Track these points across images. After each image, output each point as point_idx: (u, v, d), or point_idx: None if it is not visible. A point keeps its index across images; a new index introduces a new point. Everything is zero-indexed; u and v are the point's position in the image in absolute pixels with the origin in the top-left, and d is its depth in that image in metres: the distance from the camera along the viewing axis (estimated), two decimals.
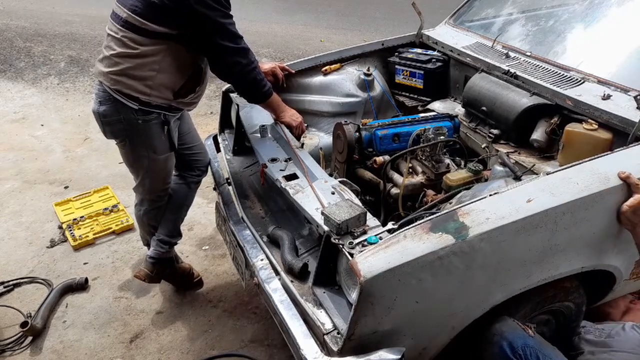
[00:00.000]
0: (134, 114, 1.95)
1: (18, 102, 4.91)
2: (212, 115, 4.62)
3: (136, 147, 2.07)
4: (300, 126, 2.23)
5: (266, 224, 2.03)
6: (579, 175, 1.52)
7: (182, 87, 1.98)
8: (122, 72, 1.89)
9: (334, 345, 1.41)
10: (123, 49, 1.87)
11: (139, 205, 2.36)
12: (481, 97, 2.24)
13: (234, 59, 1.91)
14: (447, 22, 2.88)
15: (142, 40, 1.84)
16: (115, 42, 1.88)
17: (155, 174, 2.19)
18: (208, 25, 1.82)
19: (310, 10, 8.14)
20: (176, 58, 1.90)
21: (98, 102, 1.99)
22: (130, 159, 2.15)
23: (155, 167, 2.15)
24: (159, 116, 2.01)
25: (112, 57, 1.90)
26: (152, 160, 2.11)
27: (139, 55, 1.86)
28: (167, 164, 2.18)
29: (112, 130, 2.03)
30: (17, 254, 2.89)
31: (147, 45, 1.85)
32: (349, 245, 1.40)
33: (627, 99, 1.85)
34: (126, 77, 1.89)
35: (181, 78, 1.97)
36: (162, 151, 2.10)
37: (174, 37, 1.85)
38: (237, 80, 2.03)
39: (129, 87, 1.90)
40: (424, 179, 2.01)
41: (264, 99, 2.10)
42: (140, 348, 2.31)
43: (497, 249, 1.41)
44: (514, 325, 1.58)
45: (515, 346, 1.51)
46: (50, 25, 6.97)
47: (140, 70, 1.88)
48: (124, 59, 1.88)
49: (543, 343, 1.59)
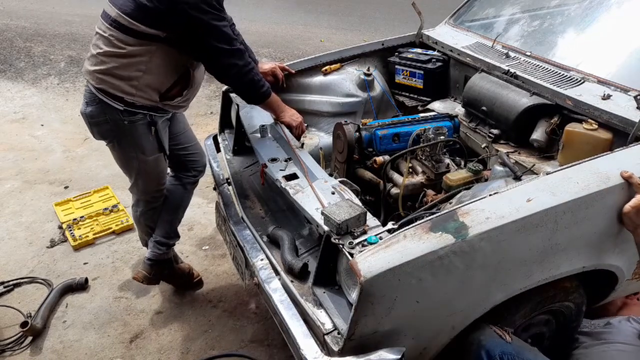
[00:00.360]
0: (120, 114, 1.94)
1: (18, 102, 4.91)
2: (212, 115, 4.62)
3: (124, 148, 2.07)
4: (301, 126, 2.23)
5: (266, 224, 2.03)
6: (579, 175, 1.52)
7: (169, 89, 1.97)
8: (108, 71, 1.87)
9: (334, 345, 1.41)
10: (110, 48, 1.85)
11: (135, 206, 2.36)
12: (481, 97, 2.24)
13: (230, 61, 1.90)
14: (447, 22, 2.88)
15: (130, 40, 1.82)
16: (102, 40, 1.87)
17: (147, 175, 2.17)
18: (202, 28, 1.81)
19: (310, 10, 8.14)
20: (164, 60, 1.89)
21: (85, 103, 1.99)
22: (121, 160, 2.14)
23: (146, 168, 2.13)
24: (145, 117, 1.98)
25: (98, 56, 1.88)
26: (142, 162, 2.10)
27: (125, 55, 1.84)
28: (158, 165, 2.16)
29: (100, 131, 2.03)
30: (17, 254, 2.89)
31: (134, 46, 1.83)
32: (349, 245, 1.40)
33: (627, 98, 1.85)
34: (111, 76, 1.87)
35: (168, 80, 1.95)
36: (150, 152, 2.08)
37: (162, 39, 1.83)
38: (234, 82, 2.02)
39: (114, 86, 1.88)
40: (424, 178, 2.01)
41: (262, 100, 2.09)
42: (140, 348, 2.31)
43: (497, 248, 1.41)
44: (491, 333, 1.57)
45: (493, 354, 1.51)
46: (50, 25, 6.97)
47: (126, 70, 1.86)
48: (110, 58, 1.86)
49: (522, 347, 1.58)
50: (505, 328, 1.61)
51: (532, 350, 1.61)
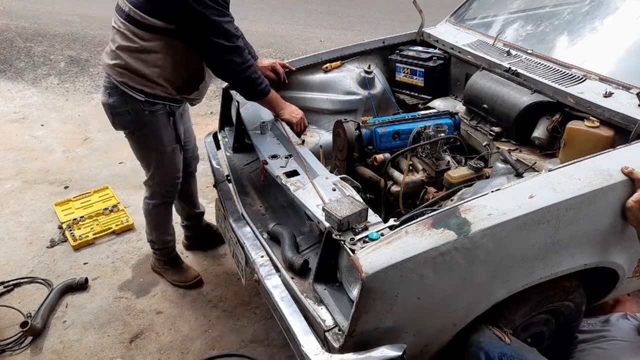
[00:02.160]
0: (141, 105, 2.02)
1: (18, 102, 4.90)
2: (212, 115, 4.61)
3: (144, 138, 2.15)
4: (301, 122, 2.23)
5: (266, 220, 2.02)
6: (581, 172, 1.51)
7: (184, 83, 2.05)
8: (127, 66, 1.95)
9: (335, 342, 1.40)
10: (126, 42, 1.93)
11: (149, 199, 2.42)
12: (482, 95, 2.23)
13: (229, 57, 1.93)
14: (448, 20, 2.88)
15: (144, 34, 1.89)
16: (119, 35, 1.94)
17: (164, 166, 2.25)
18: (202, 21, 1.84)
19: (310, 10, 8.15)
20: (178, 56, 1.96)
21: (107, 94, 2.05)
22: (140, 151, 2.23)
23: (164, 159, 2.22)
24: (164, 107, 2.08)
25: (116, 51, 1.96)
26: (160, 152, 2.18)
27: (141, 50, 1.92)
28: (175, 156, 2.25)
29: (121, 121, 2.10)
30: (17, 254, 2.88)
31: (149, 40, 1.90)
32: (350, 241, 1.39)
33: (629, 96, 1.84)
34: (129, 70, 1.96)
35: (183, 75, 2.03)
36: (168, 142, 2.17)
37: (173, 33, 1.89)
38: (232, 79, 2.06)
39: (134, 80, 1.97)
40: (424, 176, 2.00)
41: (260, 97, 2.12)
42: (140, 348, 2.30)
43: (499, 245, 1.40)
44: (490, 334, 1.57)
45: (492, 356, 1.50)
46: (50, 25, 6.97)
47: (144, 65, 1.94)
48: (127, 52, 1.94)
49: (521, 348, 1.58)
50: (505, 329, 1.61)
51: (532, 351, 1.61)
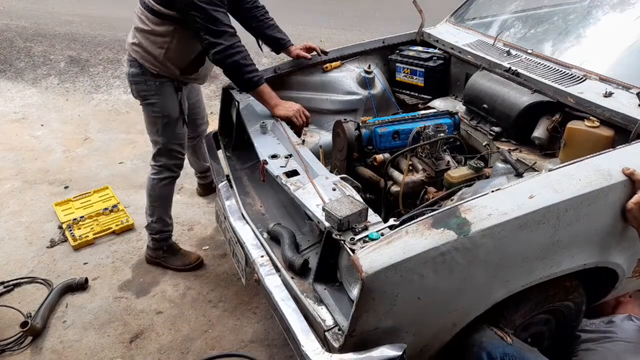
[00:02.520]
0: (153, 76, 2.32)
1: (18, 102, 4.90)
2: (212, 115, 4.58)
3: (154, 106, 2.38)
4: (300, 114, 2.23)
5: (266, 220, 2.02)
6: (581, 172, 1.51)
7: (187, 66, 2.32)
8: (140, 44, 2.26)
9: (335, 342, 1.40)
10: (141, 25, 2.24)
11: (155, 176, 2.56)
12: (482, 95, 2.23)
13: (215, 40, 2.10)
14: (448, 20, 2.88)
15: (155, 19, 2.19)
16: (137, 19, 2.26)
17: (168, 134, 2.46)
18: (191, 7, 2.04)
19: (310, 10, 8.14)
20: (182, 41, 2.22)
21: (129, 65, 2.36)
22: (149, 117, 2.44)
23: (169, 125, 2.43)
24: (172, 82, 2.37)
25: (134, 31, 2.28)
26: (166, 119, 2.41)
27: (151, 33, 2.22)
28: (178, 127, 2.47)
29: (137, 89, 2.38)
30: (17, 254, 2.88)
31: (158, 25, 2.19)
32: (350, 241, 1.39)
33: (629, 96, 1.84)
34: (142, 49, 2.26)
35: (186, 59, 2.29)
36: (174, 112, 2.41)
37: (179, 20, 2.14)
38: (220, 62, 2.16)
39: (144, 58, 2.27)
40: (424, 176, 2.00)
41: (250, 86, 2.21)
42: (140, 348, 2.30)
43: (499, 245, 1.40)
44: (492, 334, 1.56)
45: (494, 356, 1.50)
46: (50, 25, 6.96)
47: (153, 46, 2.23)
48: (141, 33, 2.25)
49: (523, 348, 1.58)
50: (506, 329, 1.60)
51: (533, 351, 1.61)
